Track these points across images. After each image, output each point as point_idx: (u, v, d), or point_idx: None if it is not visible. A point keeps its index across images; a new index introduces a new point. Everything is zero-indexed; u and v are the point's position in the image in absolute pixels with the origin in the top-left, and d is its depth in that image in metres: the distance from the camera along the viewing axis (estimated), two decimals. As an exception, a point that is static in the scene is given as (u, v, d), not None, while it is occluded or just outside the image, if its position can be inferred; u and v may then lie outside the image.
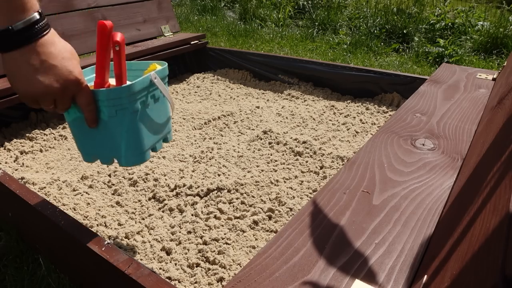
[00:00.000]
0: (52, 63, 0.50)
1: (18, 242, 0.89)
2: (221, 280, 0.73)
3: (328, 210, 0.64)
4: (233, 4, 4.32)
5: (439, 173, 0.76)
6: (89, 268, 0.71)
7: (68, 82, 0.53)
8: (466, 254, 0.36)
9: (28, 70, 0.50)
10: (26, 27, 0.47)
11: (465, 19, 3.03)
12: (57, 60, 0.51)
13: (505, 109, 0.73)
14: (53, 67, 0.51)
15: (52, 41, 0.51)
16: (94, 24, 1.68)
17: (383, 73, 1.59)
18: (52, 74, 0.51)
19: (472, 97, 1.16)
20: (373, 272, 0.52)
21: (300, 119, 1.46)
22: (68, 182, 1.06)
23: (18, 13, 0.46)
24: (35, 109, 1.47)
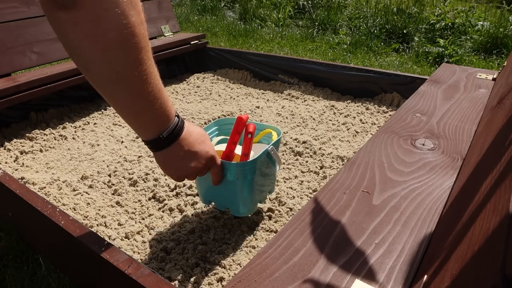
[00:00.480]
0: (193, 150, 0.63)
1: (18, 242, 0.89)
2: (221, 280, 0.73)
3: (328, 210, 0.64)
4: (233, 4, 4.32)
5: (439, 173, 0.76)
6: (89, 268, 0.71)
7: (207, 161, 0.66)
8: (466, 254, 0.36)
9: (177, 160, 0.62)
10: (171, 132, 0.59)
11: (465, 19, 3.03)
12: (196, 147, 0.63)
13: (505, 109, 0.73)
14: (195, 153, 0.63)
15: (189, 133, 0.62)
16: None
17: (383, 73, 1.59)
18: (195, 158, 0.64)
19: (472, 97, 1.16)
20: (373, 272, 0.52)
21: (300, 119, 1.46)
22: (68, 182, 1.06)
23: (164, 124, 0.57)
24: (35, 109, 1.47)
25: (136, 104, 0.53)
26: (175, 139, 0.60)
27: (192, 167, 0.64)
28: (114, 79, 0.49)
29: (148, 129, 0.57)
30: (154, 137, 0.58)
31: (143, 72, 0.50)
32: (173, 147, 0.60)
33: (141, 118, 0.56)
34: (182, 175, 0.65)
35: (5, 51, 1.39)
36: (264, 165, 0.80)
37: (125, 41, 0.46)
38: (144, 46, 0.49)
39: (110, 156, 1.20)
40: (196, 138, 0.63)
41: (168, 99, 0.57)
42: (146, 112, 0.54)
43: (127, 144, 1.28)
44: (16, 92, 1.31)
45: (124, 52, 0.47)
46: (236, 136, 0.77)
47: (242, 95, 1.76)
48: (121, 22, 0.45)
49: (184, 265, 0.77)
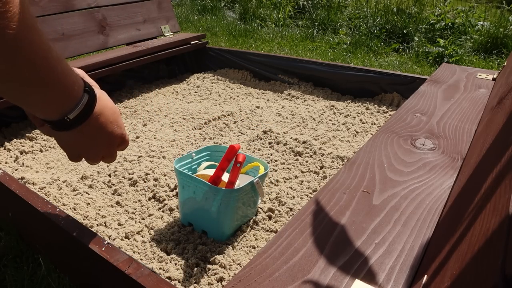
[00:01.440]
0: (104, 131, 0.53)
1: (18, 242, 0.89)
2: (221, 280, 0.73)
3: (328, 210, 0.64)
4: (233, 4, 4.32)
5: (439, 173, 0.76)
6: (89, 268, 0.71)
7: (118, 140, 0.56)
8: (466, 254, 0.36)
9: (84, 140, 0.52)
10: (78, 114, 0.48)
11: (465, 19, 3.03)
12: (108, 127, 0.53)
13: (505, 109, 0.73)
14: (106, 134, 0.54)
15: (101, 110, 0.52)
16: (94, 24, 1.68)
17: (383, 73, 1.59)
18: (105, 139, 0.54)
19: (472, 97, 1.16)
20: (373, 272, 0.52)
21: (300, 119, 1.46)
22: (68, 182, 1.06)
23: (69, 103, 0.47)
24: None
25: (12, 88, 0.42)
26: (84, 120, 0.49)
27: (99, 148, 0.55)
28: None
29: (44, 112, 0.47)
30: (56, 119, 0.47)
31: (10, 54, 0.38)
32: (80, 127, 0.50)
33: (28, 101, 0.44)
34: (85, 155, 0.55)
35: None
36: (248, 195, 0.82)
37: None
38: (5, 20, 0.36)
39: (110, 156, 1.20)
40: (108, 116, 0.53)
41: (69, 73, 0.45)
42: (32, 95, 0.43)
43: (127, 144, 1.28)
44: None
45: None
46: (225, 163, 0.79)
47: (242, 95, 1.75)
48: None
49: (184, 265, 0.77)
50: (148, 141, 1.30)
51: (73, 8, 1.61)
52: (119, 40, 1.79)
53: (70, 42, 1.59)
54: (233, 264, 0.77)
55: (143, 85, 1.88)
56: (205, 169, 0.90)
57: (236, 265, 0.77)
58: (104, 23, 1.73)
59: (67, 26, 1.59)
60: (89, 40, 1.66)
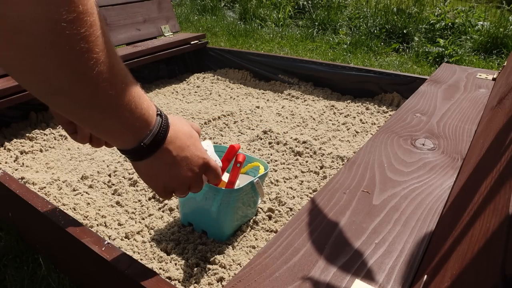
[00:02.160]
0: (182, 156, 0.51)
1: (18, 242, 0.89)
2: (221, 280, 0.73)
3: (328, 210, 0.64)
4: (233, 4, 4.31)
5: (439, 173, 0.76)
6: (89, 268, 0.71)
7: (199, 167, 0.54)
8: (466, 254, 0.36)
9: (164, 169, 0.50)
10: (154, 137, 0.47)
11: (465, 19, 3.03)
12: (186, 151, 0.52)
13: (505, 109, 0.73)
14: (185, 159, 0.52)
15: (175, 134, 0.50)
16: (94, 24, 1.68)
17: (383, 73, 1.59)
18: (185, 165, 0.52)
19: (472, 97, 1.16)
20: (373, 272, 0.52)
21: (300, 119, 1.46)
22: (68, 182, 1.06)
23: (144, 129, 0.46)
24: (35, 109, 1.47)
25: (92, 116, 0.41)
26: (160, 145, 0.48)
27: (183, 176, 0.52)
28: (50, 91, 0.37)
29: (121, 138, 0.46)
30: (132, 147, 0.46)
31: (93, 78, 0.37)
32: (158, 154, 0.48)
33: (107, 129, 0.44)
34: (170, 186, 0.53)
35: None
36: (248, 195, 0.83)
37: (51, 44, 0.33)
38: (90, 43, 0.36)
39: (110, 156, 1.20)
40: (185, 141, 0.52)
41: (143, 98, 0.45)
42: (111, 122, 0.42)
43: (127, 144, 1.28)
44: (16, 92, 1.31)
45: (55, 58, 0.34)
46: (225, 164, 0.79)
47: (242, 95, 1.75)
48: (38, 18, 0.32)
49: (184, 265, 0.77)
50: (148, 141, 1.30)
51: (73, 8, 1.61)
52: (119, 40, 1.79)
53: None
54: (233, 264, 0.77)
55: (143, 85, 1.87)
56: None
57: (236, 265, 0.77)
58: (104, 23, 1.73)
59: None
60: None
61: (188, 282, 0.73)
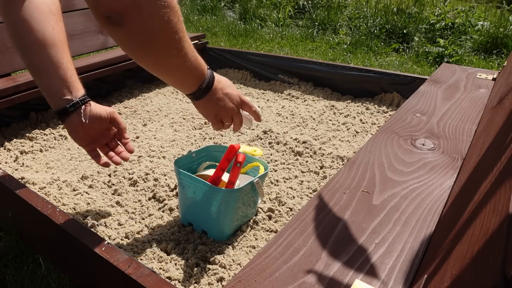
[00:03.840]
0: (225, 92, 0.74)
1: (18, 242, 0.89)
2: (221, 280, 0.73)
3: (328, 210, 0.64)
4: (233, 4, 4.31)
5: (439, 173, 0.76)
6: (89, 268, 0.71)
7: (237, 101, 0.77)
8: (466, 254, 0.36)
9: (215, 102, 0.73)
10: (208, 83, 0.71)
11: (465, 19, 3.03)
12: (226, 89, 0.75)
13: (505, 109, 0.73)
14: (227, 94, 0.75)
15: (218, 79, 0.74)
16: (94, 24, 1.68)
17: (383, 73, 1.59)
18: (228, 98, 0.75)
19: (472, 97, 1.16)
20: (373, 272, 0.52)
21: (300, 119, 1.46)
22: (68, 182, 1.06)
23: (202, 77, 0.70)
24: (35, 109, 1.47)
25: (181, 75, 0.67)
26: (211, 87, 0.71)
27: (227, 107, 0.74)
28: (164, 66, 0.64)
29: (191, 85, 0.70)
30: (196, 89, 0.70)
31: (185, 53, 0.63)
32: (211, 93, 0.72)
33: (185, 81, 0.69)
34: (219, 114, 0.75)
35: (5, 51, 1.39)
36: (248, 195, 0.83)
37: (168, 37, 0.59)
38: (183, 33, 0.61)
39: (110, 156, 1.20)
40: (225, 83, 0.75)
41: (200, 59, 0.68)
42: (188, 76, 0.68)
43: (127, 144, 1.28)
44: (16, 92, 1.31)
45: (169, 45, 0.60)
46: (225, 163, 0.80)
47: (242, 95, 1.75)
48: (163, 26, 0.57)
49: (184, 265, 0.77)
50: (148, 141, 1.30)
51: (73, 8, 1.61)
52: (119, 40, 1.79)
53: (70, 42, 1.58)
54: (233, 264, 0.77)
55: (143, 85, 1.88)
56: (205, 169, 0.90)
57: (236, 265, 0.77)
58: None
59: (67, 26, 1.58)
60: (89, 40, 1.66)
61: (188, 282, 0.73)
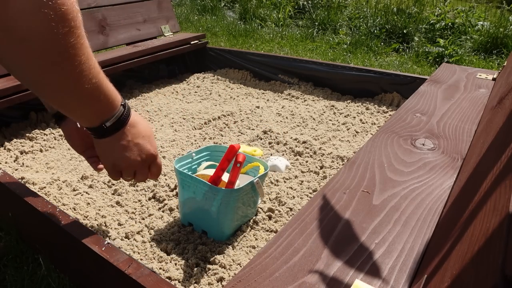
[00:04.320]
0: (135, 142, 0.62)
1: (18, 242, 0.89)
2: (221, 280, 0.73)
3: (328, 210, 0.64)
4: (233, 4, 4.31)
5: (439, 173, 0.76)
6: (89, 268, 0.71)
7: (148, 156, 0.64)
8: (466, 254, 0.36)
9: (119, 148, 0.61)
10: (115, 122, 0.58)
11: (465, 19, 3.03)
12: (139, 139, 0.62)
13: (505, 109, 0.73)
14: (137, 145, 0.62)
15: (134, 122, 0.61)
16: (94, 24, 1.68)
17: (383, 73, 1.59)
18: (136, 150, 0.62)
19: (472, 97, 1.16)
20: (373, 272, 0.52)
21: (300, 119, 1.46)
22: (68, 182, 1.06)
23: (107, 114, 0.56)
24: (35, 109, 1.47)
25: (71, 103, 0.52)
26: (119, 128, 0.59)
27: (131, 159, 0.62)
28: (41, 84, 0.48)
29: (89, 120, 0.56)
30: (97, 125, 0.57)
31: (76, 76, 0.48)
32: (116, 135, 0.59)
33: (80, 112, 0.55)
34: (119, 165, 0.62)
35: (5, 51, 1.39)
36: (248, 195, 0.82)
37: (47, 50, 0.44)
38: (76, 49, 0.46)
39: (110, 156, 1.20)
40: (140, 131, 0.62)
41: (111, 92, 0.55)
42: (84, 108, 0.53)
43: (127, 144, 1.28)
44: (16, 92, 1.31)
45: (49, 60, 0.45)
46: (225, 163, 0.79)
47: (242, 95, 1.75)
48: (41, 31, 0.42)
49: (184, 265, 0.77)
50: (148, 141, 1.30)
51: (73, 8, 1.61)
52: (119, 40, 1.79)
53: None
54: (233, 264, 0.77)
55: (143, 85, 1.88)
56: (205, 169, 0.90)
57: (236, 265, 0.77)
58: (104, 23, 1.73)
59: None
60: (89, 40, 1.64)
61: (188, 282, 0.73)
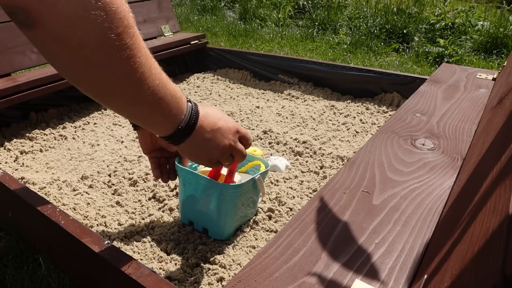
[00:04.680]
0: (216, 128, 0.60)
1: (18, 242, 0.89)
2: (221, 280, 0.73)
3: (328, 210, 0.64)
4: (233, 4, 4.31)
5: (439, 173, 0.76)
6: (89, 268, 0.71)
7: (233, 135, 0.63)
8: (466, 254, 0.36)
9: (203, 144, 0.59)
10: (188, 120, 0.56)
11: (465, 19, 3.03)
12: (218, 124, 0.60)
13: (505, 109, 0.73)
14: (219, 130, 0.60)
15: (206, 114, 0.59)
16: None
17: (383, 73, 1.59)
18: (219, 136, 0.60)
19: (472, 97, 1.16)
20: (373, 272, 0.52)
21: (300, 119, 1.46)
22: (68, 182, 1.06)
23: (179, 116, 0.54)
24: (35, 109, 1.47)
25: (140, 110, 0.50)
26: (195, 125, 0.57)
27: (222, 146, 0.61)
28: (106, 93, 0.45)
29: (163, 126, 0.55)
30: (173, 131, 0.55)
31: (138, 78, 0.45)
32: (195, 133, 0.57)
33: (151, 120, 0.53)
34: (214, 157, 0.62)
35: (5, 51, 1.39)
36: (249, 192, 0.82)
37: (106, 54, 0.41)
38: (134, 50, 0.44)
39: (110, 156, 1.20)
40: (214, 116, 0.60)
41: (176, 90, 0.53)
42: (154, 113, 0.51)
43: (127, 144, 1.28)
44: (16, 92, 1.31)
45: (109, 65, 0.42)
46: None
47: (242, 95, 1.75)
48: (96, 35, 0.40)
49: (184, 265, 0.77)
50: (148, 141, 1.30)
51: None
52: (119, 40, 1.79)
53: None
54: (233, 264, 0.77)
55: (143, 85, 1.87)
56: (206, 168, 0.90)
57: (236, 265, 0.77)
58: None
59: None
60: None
61: (188, 282, 0.73)
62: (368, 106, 1.55)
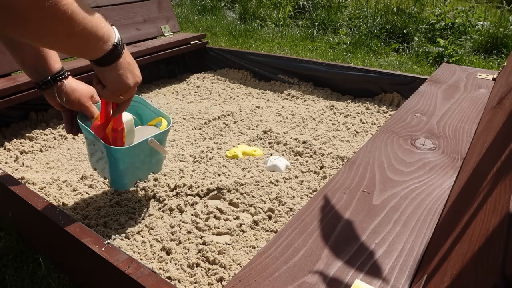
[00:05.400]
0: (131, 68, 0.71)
1: (18, 242, 0.89)
2: (221, 280, 0.73)
3: (328, 210, 0.64)
4: (233, 4, 4.31)
5: (439, 173, 0.76)
6: (89, 268, 0.71)
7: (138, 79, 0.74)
8: (466, 254, 0.36)
9: (129, 67, 0.70)
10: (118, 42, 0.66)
11: (465, 19, 3.03)
12: (133, 64, 0.72)
13: (505, 109, 0.73)
14: (132, 70, 0.72)
15: (127, 53, 0.70)
16: (94, 24, 1.68)
17: (383, 73, 1.59)
18: (135, 68, 0.72)
19: (472, 97, 1.16)
20: (373, 272, 0.52)
21: (300, 119, 1.46)
22: (68, 182, 1.06)
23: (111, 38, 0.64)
24: (35, 109, 1.47)
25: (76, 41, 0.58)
26: (123, 48, 0.67)
27: (130, 84, 0.71)
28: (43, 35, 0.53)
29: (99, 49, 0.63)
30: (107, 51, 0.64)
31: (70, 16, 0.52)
32: (124, 55, 0.68)
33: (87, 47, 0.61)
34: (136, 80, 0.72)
35: (5, 51, 1.39)
36: (144, 152, 0.85)
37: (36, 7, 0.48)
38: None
39: (110, 156, 1.20)
40: (131, 58, 0.72)
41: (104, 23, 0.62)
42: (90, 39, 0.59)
43: (127, 144, 1.28)
44: (16, 92, 1.31)
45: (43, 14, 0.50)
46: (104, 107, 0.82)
47: (242, 95, 1.75)
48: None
49: (184, 265, 0.77)
50: (148, 141, 1.30)
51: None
52: (119, 40, 1.79)
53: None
54: (233, 264, 0.77)
55: (143, 85, 1.88)
56: None
57: (236, 265, 0.77)
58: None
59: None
60: (89, 40, 1.66)
61: (188, 282, 0.73)
62: (368, 106, 1.55)
